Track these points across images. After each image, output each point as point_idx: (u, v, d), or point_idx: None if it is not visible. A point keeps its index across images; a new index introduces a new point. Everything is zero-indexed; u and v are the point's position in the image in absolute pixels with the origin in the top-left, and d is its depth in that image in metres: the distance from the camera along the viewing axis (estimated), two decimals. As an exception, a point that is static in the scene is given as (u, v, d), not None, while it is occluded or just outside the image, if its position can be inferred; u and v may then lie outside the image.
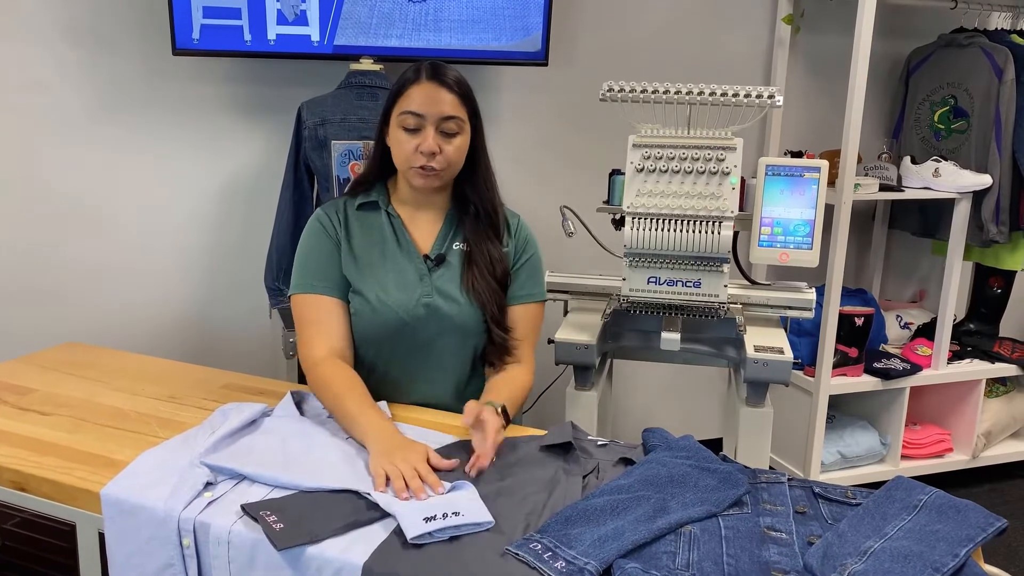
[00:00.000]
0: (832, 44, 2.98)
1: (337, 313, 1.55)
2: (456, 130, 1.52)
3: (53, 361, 1.76)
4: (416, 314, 1.55)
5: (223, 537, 1.13)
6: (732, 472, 1.22)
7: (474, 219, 1.62)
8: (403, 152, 1.52)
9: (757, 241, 2.01)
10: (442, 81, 1.52)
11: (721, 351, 2.06)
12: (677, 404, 3.18)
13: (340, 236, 1.58)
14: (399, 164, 1.56)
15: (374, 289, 1.55)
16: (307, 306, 1.55)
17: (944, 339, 2.86)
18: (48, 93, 2.32)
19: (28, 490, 1.28)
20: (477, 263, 1.59)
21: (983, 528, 1.07)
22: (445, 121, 1.51)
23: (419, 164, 1.51)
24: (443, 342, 1.58)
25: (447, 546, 1.07)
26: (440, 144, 1.51)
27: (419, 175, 1.53)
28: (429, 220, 1.63)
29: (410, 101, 1.50)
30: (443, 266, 1.59)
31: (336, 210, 1.61)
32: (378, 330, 1.56)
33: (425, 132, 1.50)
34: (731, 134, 1.87)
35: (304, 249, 1.59)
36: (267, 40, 2.27)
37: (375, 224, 1.60)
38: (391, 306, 1.54)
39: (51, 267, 2.41)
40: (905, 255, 3.30)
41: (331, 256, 1.57)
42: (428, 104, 1.50)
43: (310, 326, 1.54)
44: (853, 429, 2.92)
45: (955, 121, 2.89)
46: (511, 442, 1.36)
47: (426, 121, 1.50)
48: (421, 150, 1.49)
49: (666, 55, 2.85)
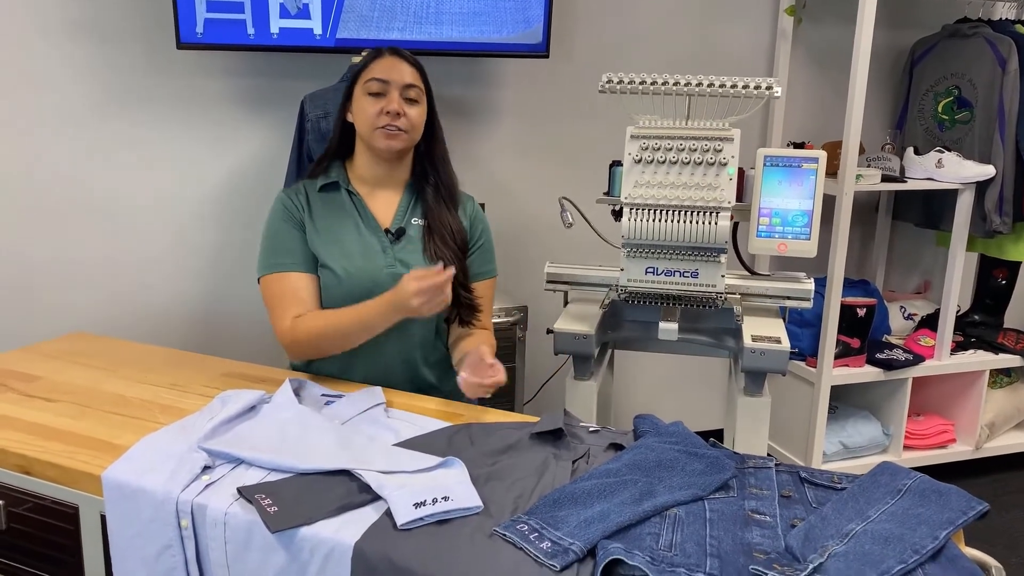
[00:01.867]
0: (835, 35, 2.98)
1: (306, 284, 1.64)
2: (417, 98, 1.66)
3: (59, 350, 1.79)
4: (382, 284, 1.62)
5: (219, 519, 1.15)
6: (719, 457, 1.24)
7: (434, 191, 1.73)
8: (368, 116, 1.63)
9: (755, 232, 2.01)
10: (403, 56, 1.68)
11: (720, 341, 2.07)
12: (680, 395, 3.19)
13: (304, 216, 1.67)
14: (364, 129, 1.65)
15: (340, 262, 1.64)
16: (275, 284, 1.64)
17: (947, 330, 2.86)
18: (54, 87, 2.35)
19: (33, 473, 1.31)
20: (438, 233, 1.69)
21: (964, 512, 1.08)
22: (407, 88, 1.64)
23: (384, 124, 1.61)
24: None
25: (436, 528, 1.09)
26: (404, 107, 1.63)
27: (384, 135, 1.63)
28: (388, 196, 1.73)
29: (375, 71, 1.64)
30: (403, 239, 1.69)
31: (297, 192, 1.70)
32: (346, 300, 1.63)
33: (390, 95, 1.62)
34: (728, 125, 1.89)
35: (269, 232, 1.67)
36: (270, 34, 2.29)
37: (337, 203, 1.70)
38: (357, 276, 1.63)
39: (58, 259, 2.45)
40: (909, 246, 3.30)
41: (295, 232, 1.66)
42: (392, 72, 1.64)
43: (280, 300, 1.63)
44: (855, 420, 2.93)
45: (959, 111, 2.88)
46: (503, 431, 1.38)
47: (390, 86, 1.63)
48: (387, 110, 1.61)
49: (668, 47, 2.85)
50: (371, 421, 1.42)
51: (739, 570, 1.00)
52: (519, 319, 2.32)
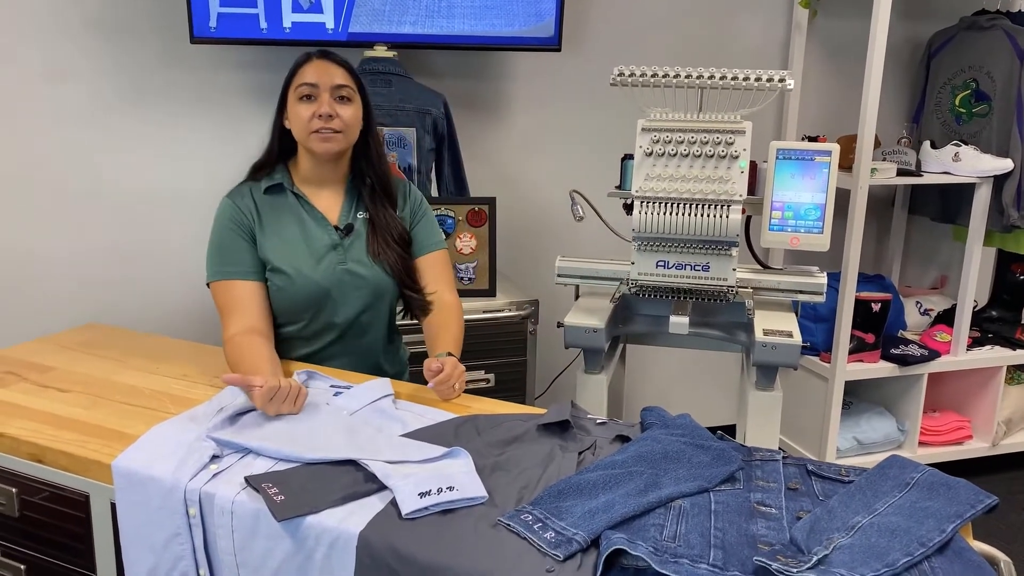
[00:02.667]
0: (850, 28, 2.96)
1: (251, 293, 1.65)
2: (349, 96, 1.66)
3: (73, 341, 1.81)
4: (335, 280, 1.67)
5: (227, 507, 1.16)
6: (726, 449, 1.24)
7: (371, 191, 1.75)
8: (301, 121, 1.64)
9: (768, 225, 2.00)
10: (331, 58, 1.68)
11: (732, 335, 2.06)
12: (693, 390, 3.18)
13: (253, 219, 1.68)
14: (300, 135, 1.66)
15: (293, 263, 1.66)
16: (222, 292, 1.65)
17: (963, 325, 2.83)
18: (69, 81, 2.37)
19: (45, 462, 1.33)
20: (380, 231, 1.72)
21: (972, 505, 1.07)
22: (338, 89, 1.64)
23: (317, 128, 1.62)
24: (362, 304, 1.71)
25: (440, 517, 1.10)
26: (336, 109, 1.63)
27: (319, 139, 1.64)
28: (331, 194, 1.74)
29: (304, 75, 1.64)
30: (352, 234, 1.72)
31: (243, 196, 1.70)
32: (302, 300, 1.67)
33: (320, 99, 1.63)
34: (740, 117, 1.87)
35: (215, 238, 1.68)
36: (282, 28, 2.30)
37: (283, 205, 1.71)
38: (310, 276, 1.66)
39: (73, 251, 2.48)
40: (925, 241, 3.27)
41: (242, 241, 1.66)
42: (321, 75, 1.64)
43: (226, 309, 1.64)
44: (870, 415, 2.91)
45: (976, 105, 2.85)
46: (510, 422, 1.38)
47: (320, 89, 1.63)
48: (319, 113, 1.62)
49: (681, 40, 2.84)
50: (379, 412, 1.43)
51: (743, 561, 1.00)
52: (530, 313, 2.32)
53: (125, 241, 2.52)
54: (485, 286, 2.34)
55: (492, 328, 2.30)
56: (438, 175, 2.50)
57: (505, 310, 2.31)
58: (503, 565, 1.00)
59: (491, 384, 2.31)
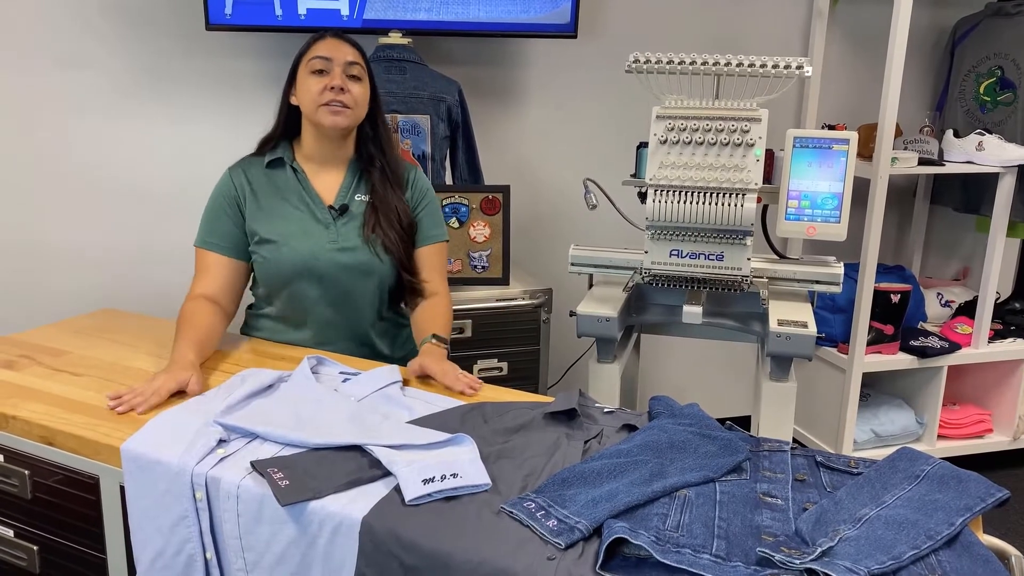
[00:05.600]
0: (872, 15, 2.91)
1: (221, 265, 1.72)
2: (359, 75, 1.70)
3: (87, 326, 1.83)
4: (323, 258, 1.69)
5: (232, 492, 1.17)
6: (733, 439, 1.22)
7: (380, 173, 1.76)
8: (312, 93, 1.66)
9: (784, 214, 1.98)
10: (344, 38, 1.72)
11: (746, 325, 2.04)
12: (708, 381, 3.16)
13: (244, 194, 1.73)
14: (308, 108, 1.68)
15: (282, 235, 1.70)
16: (199, 258, 1.74)
17: (985, 317, 2.79)
18: (85, 68, 2.39)
19: (55, 444, 1.34)
20: (384, 214, 1.74)
21: (983, 498, 1.05)
22: (350, 66, 1.68)
23: (328, 100, 1.65)
24: (351, 284, 1.73)
25: (444, 504, 1.09)
26: (347, 84, 1.66)
27: (329, 112, 1.66)
28: (332, 174, 1.77)
29: (318, 50, 1.68)
30: (346, 215, 1.73)
31: (243, 168, 1.76)
32: (288, 271, 1.70)
33: (333, 72, 1.66)
34: (756, 105, 1.85)
35: (207, 208, 1.75)
36: (298, 15, 2.30)
37: (281, 179, 1.75)
38: (298, 249, 1.69)
39: (88, 237, 2.50)
40: (947, 232, 3.22)
41: (226, 217, 1.72)
42: (334, 50, 1.68)
43: (197, 274, 1.73)
44: (888, 407, 2.87)
45: (1001, 93, 2.80)
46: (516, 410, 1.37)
47: (333, 63, 1.67)
48: (331, 85, 1.64)
49: (700, 27, 2.81)
50: (386, 399, 1.43)
51: (746, 552, 0.98)
52: (543, 302, 2.31)
53: (141, 227, 2.53)
54: (499, 274, 2.33)
55: (505, 317, 2.30)
56: (452, 163, 2.49)
57: (519, 299, 2.31)
58: (505, 552, 1.00)
59: (504, 373, 2.30)
